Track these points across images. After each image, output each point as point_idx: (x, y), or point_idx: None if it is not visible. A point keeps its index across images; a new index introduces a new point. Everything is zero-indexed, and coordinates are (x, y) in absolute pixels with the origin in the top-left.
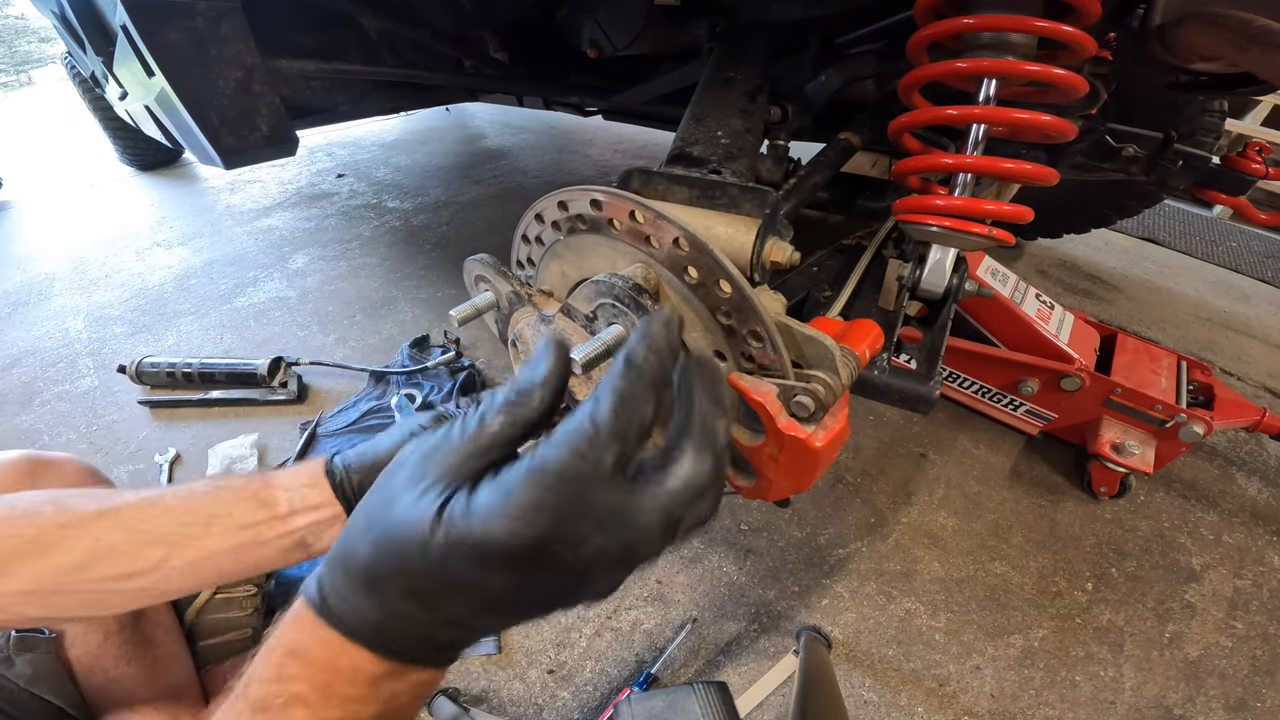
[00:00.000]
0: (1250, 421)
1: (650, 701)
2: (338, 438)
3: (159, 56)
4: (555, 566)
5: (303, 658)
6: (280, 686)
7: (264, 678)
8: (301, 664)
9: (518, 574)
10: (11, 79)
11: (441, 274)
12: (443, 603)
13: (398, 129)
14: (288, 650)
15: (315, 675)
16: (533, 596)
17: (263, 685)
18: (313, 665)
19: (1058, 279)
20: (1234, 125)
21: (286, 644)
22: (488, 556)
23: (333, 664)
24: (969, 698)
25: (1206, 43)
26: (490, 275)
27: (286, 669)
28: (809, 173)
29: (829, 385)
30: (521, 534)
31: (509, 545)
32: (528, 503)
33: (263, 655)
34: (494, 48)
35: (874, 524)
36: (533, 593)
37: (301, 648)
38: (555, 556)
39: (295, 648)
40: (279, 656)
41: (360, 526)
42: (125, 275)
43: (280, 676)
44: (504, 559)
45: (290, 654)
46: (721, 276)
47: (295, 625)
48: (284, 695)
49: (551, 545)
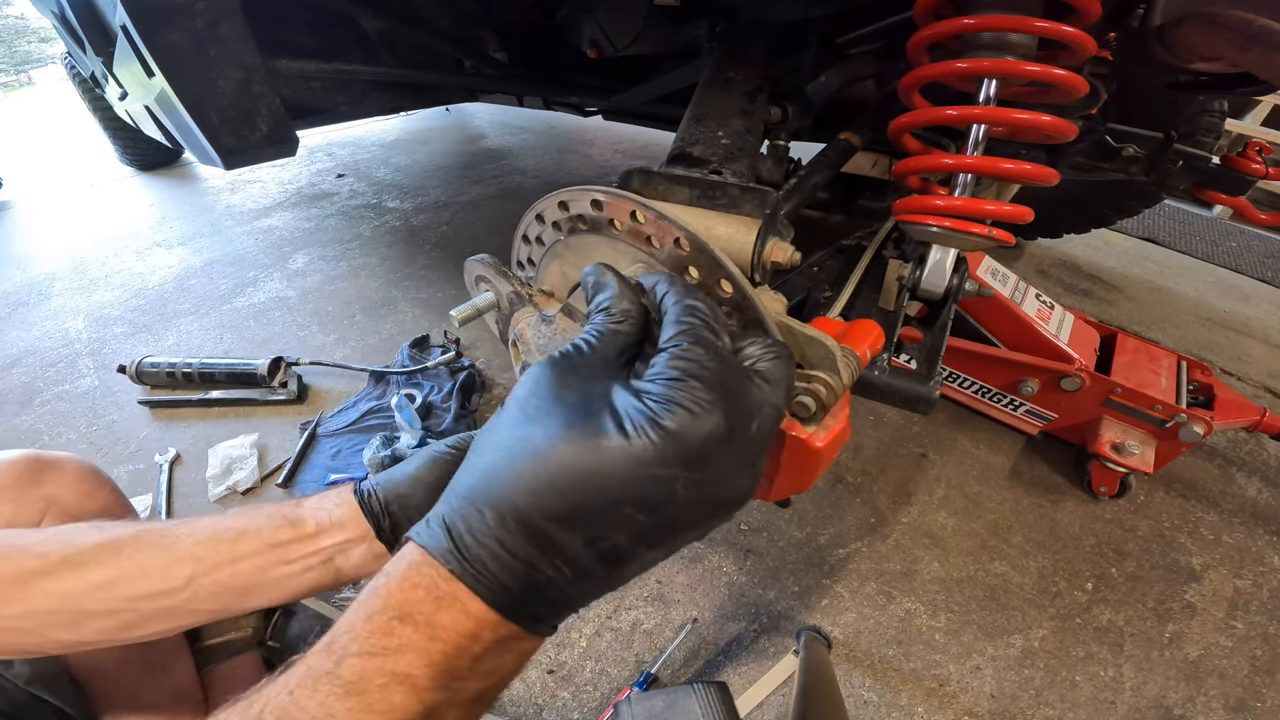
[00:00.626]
0: (1250, 421)
1: (650, 701)
2: (338, 438)
3: (159, 56)
4: (738, 449)
5: (417, 623)
6: (387, 661)
7: (363, 650)
8: (414, 631)
9: (704, 469)
10: (11, 79)
11: (441, 274)
12: (610, 528)
13: (398, 129)
14: (398, 613)
15: (429, 646)
16: (706, 498)
17: (363, 660)
18: (427, 632)
19: (1058, 279)
20: (1234, 125)
21: (397, 606)
22: (680, 452)
23: (454, 629)
24: (969, 698)
25: (1206, 43)
26: (491, 275)
27: (395, 638)
28: (809, 173)
29: (830, 385)
30: (707, 420)
31: (701, 431)
32: (701, 391)
33: (360, 621)
34: (494, 48)
35: (874, 524)
36: (709, 492)
37: (415, 610)
38: (740, 434)
39: (407, 610)
40: (384, 623)
41: (494, 458)
42: (125, 275)
43: (387, 648)
44: (695, 448)
45: (401, 619)
46: (722, 276)
47: (408, 584)
48: (387, 673)
49: (736, 423)
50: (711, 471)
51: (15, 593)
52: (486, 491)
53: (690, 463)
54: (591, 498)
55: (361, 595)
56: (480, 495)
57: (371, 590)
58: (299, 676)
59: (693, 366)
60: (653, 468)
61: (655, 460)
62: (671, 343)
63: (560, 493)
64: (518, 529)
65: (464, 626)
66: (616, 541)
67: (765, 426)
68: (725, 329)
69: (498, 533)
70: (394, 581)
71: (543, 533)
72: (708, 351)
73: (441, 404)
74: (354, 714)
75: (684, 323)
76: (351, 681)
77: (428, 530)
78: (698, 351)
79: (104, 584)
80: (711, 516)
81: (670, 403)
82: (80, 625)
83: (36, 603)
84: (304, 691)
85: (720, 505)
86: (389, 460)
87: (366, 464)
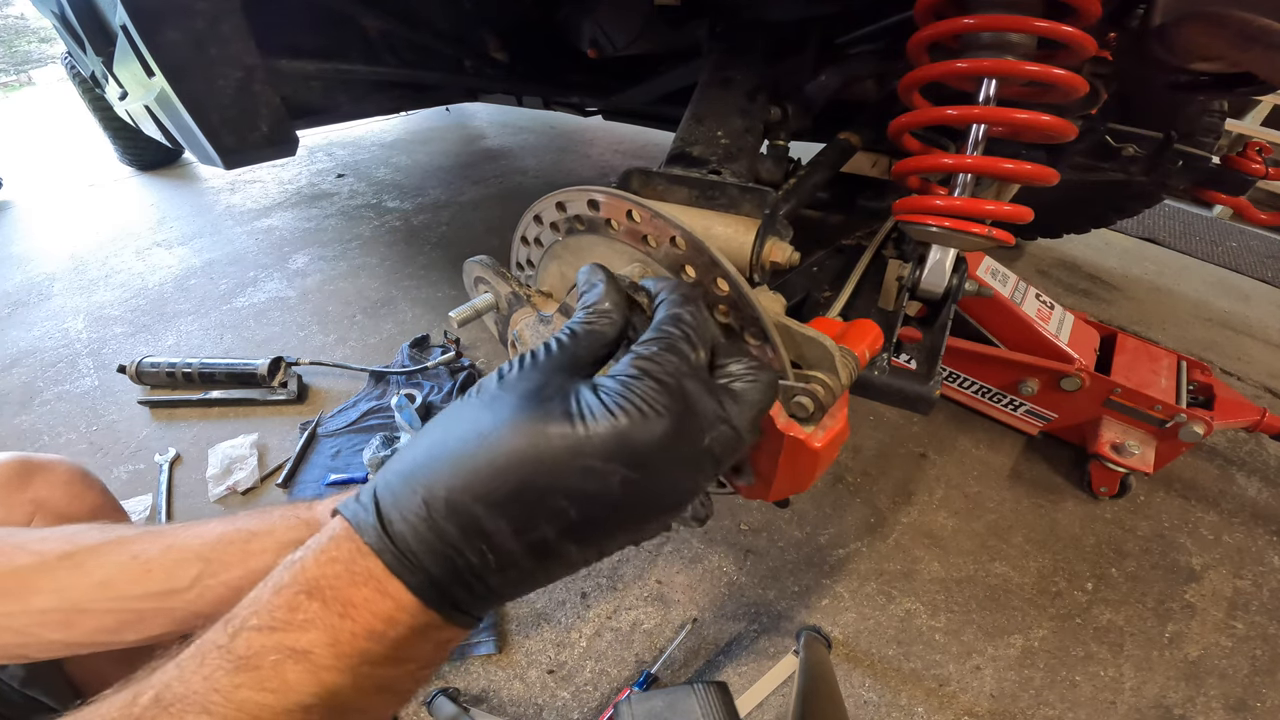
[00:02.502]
0: (1250, 421)
1: (650, 701)
2: (338, 438)
3: (159, 56)
4: (683, 459)
5: (326, 599)
6: (287, 636)
7: (262, 625)
8: (322, 607)
9: (642, 470)
10: (11, 79)
11: (441, 274)
12: (541, 517)
13: (398, 129)
14: (307, 588)
15: (337, 624)
16: (643, 501)
17: (259, 635)
18: (337, 609)
19: (1058, 279)
20: (1234, 125)
21: (307, 580)
22: (622, 448)
23: (367, 609)
24: (969, 698)
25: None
26: (489, 277)
27: (300, 613)
28: (809, 173)
29: (828, 385)
30: (656, 423)
31: (647, 433)
32: (656, 393)
33: (266, 595)
34: (494, 48)
35: (874, 524)
36: (646, 495)
37: (328, 585)
38: (685, 444)
39: (318, 585)
40: (290, 596)
41: (440, 437)
42: (125, 275)
43: (290, 623)
44: (638, 448)
45: (310, 593)
46: (719, 274)
47: (325, 557)
48: (284, 649)
49: (683, 432)
50: (652, 475)
51: (10, 589)
52: (423, 470)
53: (631, 462)
54: (526, 483)
55: (276, 568)
56: (416, 473)
57: (286, 563)
58: (191, 651)
59: (654, 368)
60: (592, 460)
61: (596, 452)
62: (643, 345)
63: (495, 476)
64: (445, 509)
65: (379, 607)
66: (545, 534)
67: (719, 443)
68: (708, 344)
69: (425, 512)
70: (310, 554)
71: (470, 515)
72: (676, 358)
73: (441, 404)
74: (242, 691)
75: (662, 330)
76: (244, 656)
77: (355, 504)
78: (665, 356)
79: (103, 582)
80: (645, 521)
81: (622, 398)
82: (74, 625)
83: (29, 600)
84: (191, 665)
85: (657, 511)
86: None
87: (366, 464)
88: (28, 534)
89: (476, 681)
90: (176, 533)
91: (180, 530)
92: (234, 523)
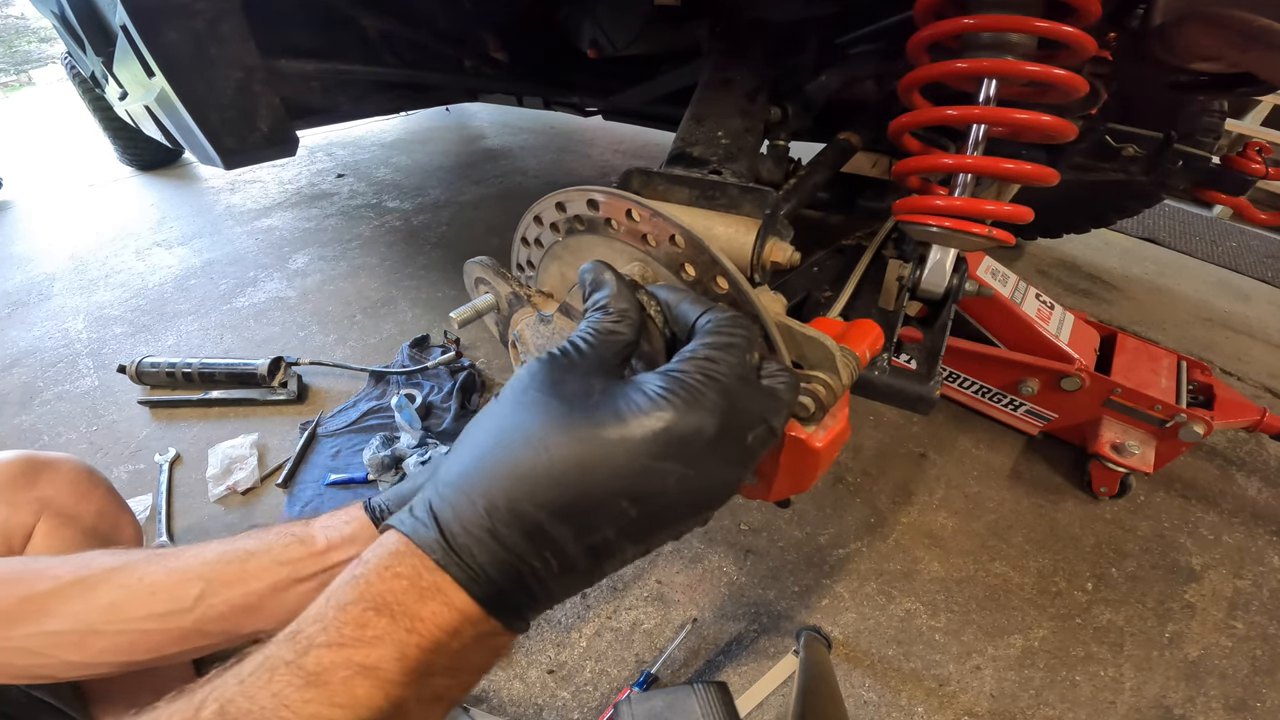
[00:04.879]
0: (1250, 421)
1: (650, 701)
2: (338, 438)
3: (159, 56)
4: (727, 452)
5: (394, 614)
6: (356, 653)
7: (331, 641)
8: (390, 623)
9: (695, 466)
10: (11, 79)
11: (441, 274)
12: (603, 520)
13: (398, 129)
14: (374, 604)
15: (404, 639)
16: (693, 496)
17: (329, 652)
18: (405, 624)
19: (1058, 279)
20: (1234, 125)
21: (374, 597)
22: (674, 444)
23: (433, 622)
24: (969, 698)
25: (1207, 43)
26: (490, 277)
27: (369, 629)
28: (809, 173)
29: (829, 385)
30: (708, 421)
31: (700, 428)
32: (705, 388)
33: (332, 611)
34: (494, 48)
35: (874, 524)
36: (697, 490)
37: (395, 601)
38: (729, 438)
39: (385, 601)
40: (358, 613)
41: (489, 445)
42: (125, 275)
43: (359, 639)
44: (690, 443)
45: (378, 609)
46: (718, 273)
47: (389, 573)
48: (354, 665)
49: (730, 429)
50: (703, 471)
51: (28, 612)
52: (479, 479)
53: (685, 458)
54: (589, 490)
55: (334, 584)
56: (472, 483)
57: (346, 579)
58: (254, 665)
59: (709, 366)
60: (650, 460)
61: (652, 452)
62: (701, 342)
63: (557, 484)
64: (511, 519)
65: (445, 620)
66: (606, 535)
67: (759, 441)
68: (758, 349)
69: (489, 522)
70: (372, 571)
71: (536, 523)
72: (733, 358)
73: (441, 404)
74: (311, 706)
75: (724, 332)
76: (314, 673)
77: (411, 519)
78: (722, 355)
79: (112, 604)
80: (692, 516)
81: (671, 392)
82: (87, 646)
83: (46, 623)
84: (257, 681)
85: (703, 506)
86: (389, 460)
87: (366, 464)
88: (47, 560)
89: None
90: (180, 555)
91: (183, 552)
92: (233, 543)
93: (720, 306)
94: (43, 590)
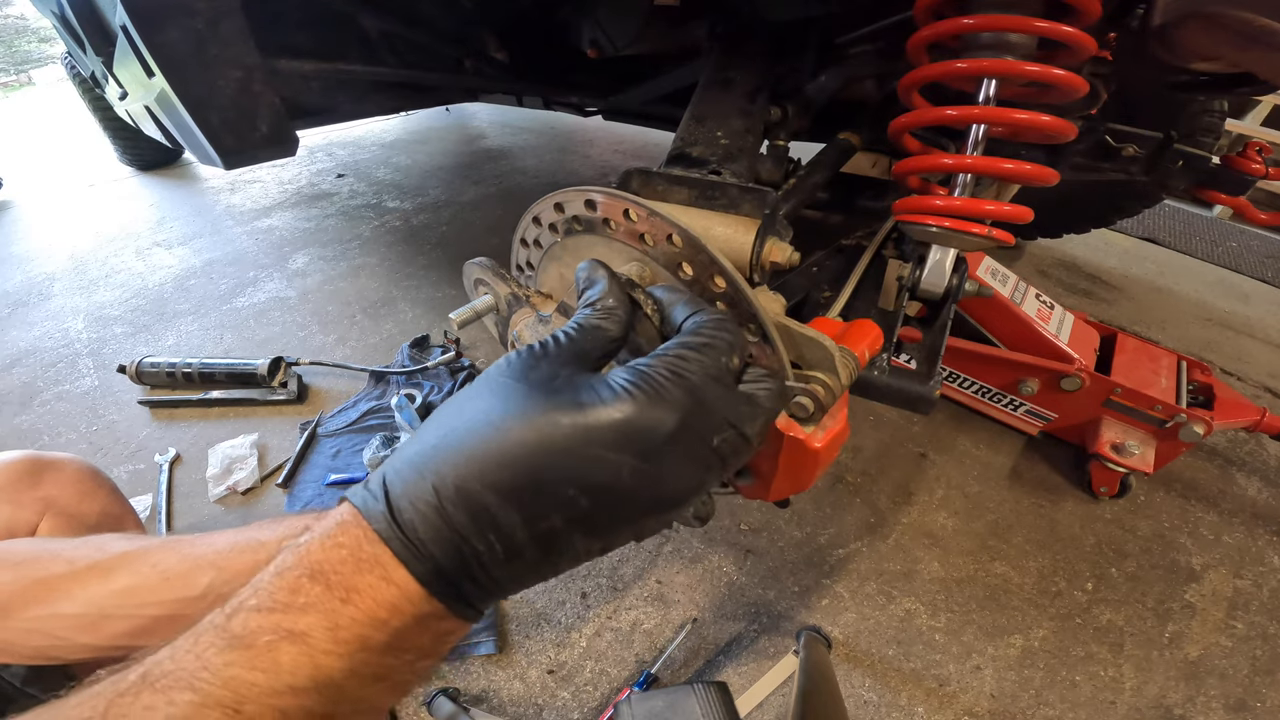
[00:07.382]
0: (1250, 421)
1: (650, 701)
2: (338, 438)
3: (159, 56)
4: (689, 454)
5: (329, 583)
6: (285, 618)
7: (261, 605)
8: (324, 591)
9: (651, 461)
10: (11, 79)
11: (441, 274)
12: (551, 506)
13: (398, 129)
14: (310, 571)
15: (338, 609)
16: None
17: (257, 615)
18: (339, 594)
19: (1058, 279)
20: (1234, 125)
21: (311, 564)
22: (632, 436)
23: (370, 595)
24: (969, 698)
25: (1207, 43)
26: (489, 278)
27: (301, 595)
28: (809, 173)
29: (828, 386)
30: (668, 417)
31: (659, 424)
32: (672, 389)
33: (268, 577)
34: (494, 48)
35: (874, 524)
36: (655, 488)
37: (332, 570)
38: (691, 438)
39: (322, 569)
40: (293, 579)
41: (450, 425)
42: (125, 275)
43: (290, 605)
44: (647, 437)
45: (313, 576)
46: (716, 272)
47: (331, 542)
48: (281, 630)
49: (692, 429)
50: (661, 467)
51: (42, 595)
52: (433, 458)
53: (641, 452)
54: (538, 472)
55: (281, 552)
56: (426, 461)
57: (290, 546)
58: (187, 632)
59: (678, 364)
60: (602, 450)
61: (605, 441)
62: (678, 341)
63: (507, 464)
64: (458, 497)
65: (383, 594)
66: (554, 524)
67: (727, 445)
68: (741, 354)
69: (436, 499)
70: (315, 540)
71: (481, 503)
72: (706, 358)
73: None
74: (232, 669)
75: (704, 333)
76: (239, 635)
77: (364, 491)
78: (695, 355)
79: (125, 590)
80: (650, 514)
81: (634, 385)
82: (99, 629)
83: (62, 606)
84: (185, 644)
85: (663, 506)
86: None
87: (366, 464)
88: (63, 543)
89: (476, 681)
90: (192, 543)
91: (195, 540)
92: (245, 532)
93: (713, 308)
94: (57, 573)
